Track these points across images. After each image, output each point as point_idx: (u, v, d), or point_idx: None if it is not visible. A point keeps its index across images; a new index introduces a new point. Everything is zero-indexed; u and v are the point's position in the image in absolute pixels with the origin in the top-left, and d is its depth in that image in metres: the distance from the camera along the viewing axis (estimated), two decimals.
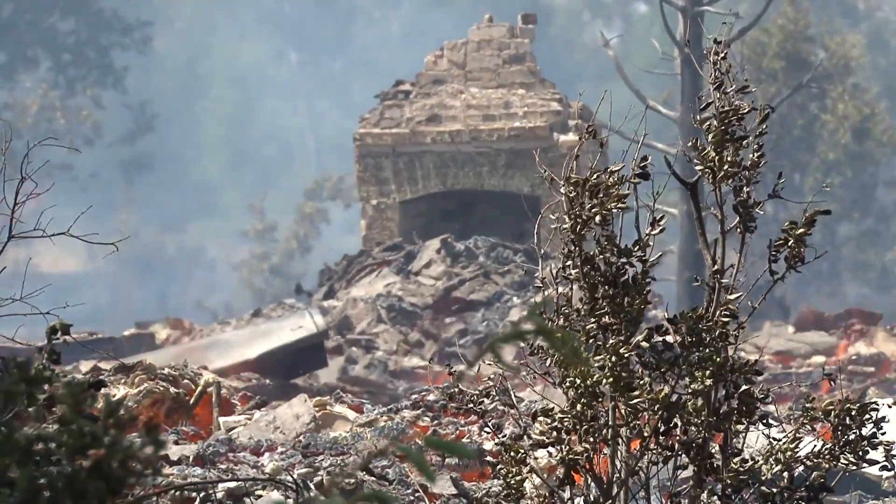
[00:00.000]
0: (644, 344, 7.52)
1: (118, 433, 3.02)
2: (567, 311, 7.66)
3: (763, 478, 7.77)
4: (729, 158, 7.66)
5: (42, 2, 55.74)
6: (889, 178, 49.85)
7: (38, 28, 56.29)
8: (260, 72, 73.24)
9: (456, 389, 7.27)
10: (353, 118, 42.61)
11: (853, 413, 7.85)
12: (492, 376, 8.55)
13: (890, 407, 14.67)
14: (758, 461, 7.79)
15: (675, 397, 7.55)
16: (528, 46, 38.65)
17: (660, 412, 7.49)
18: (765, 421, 7.90)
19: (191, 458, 16.41)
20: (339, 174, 52.11)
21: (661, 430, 7.50)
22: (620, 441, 7.64)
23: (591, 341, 7.49)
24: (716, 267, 7.73)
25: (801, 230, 7.54)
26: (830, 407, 7.96)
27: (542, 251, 7.94)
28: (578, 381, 7.58)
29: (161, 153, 61.60)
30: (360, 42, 71.57)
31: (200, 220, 61.30)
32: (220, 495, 12.29)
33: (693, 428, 7.48)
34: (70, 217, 10.88)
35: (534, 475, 7.91)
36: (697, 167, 7.74)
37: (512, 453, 7.92)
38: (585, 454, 7.73)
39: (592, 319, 7.54)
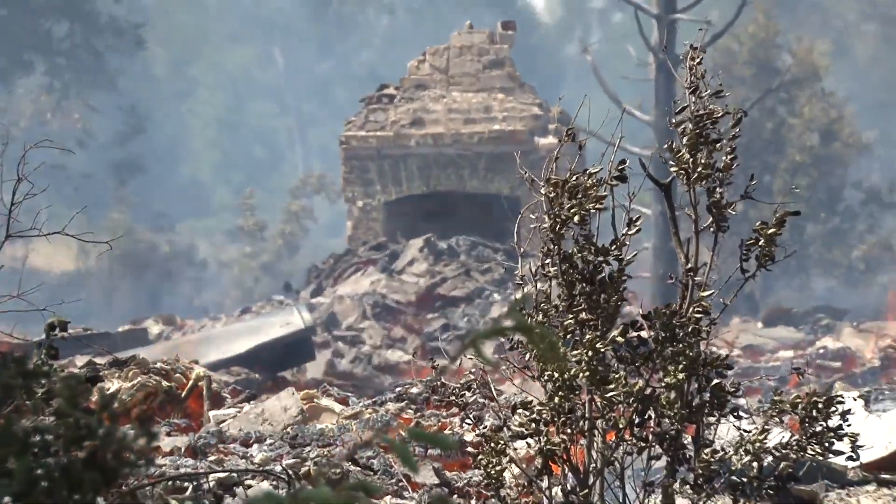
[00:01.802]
0: (619, 339, 7.54)
1: (112, 425, 3.03)
2: (545, 307, 7.68)
3: (733, 468, 7.79)
4: (703, 161, 7.67)
5: (37, 6, 55.71)
6: (854, 179, 50.03)
7: (34, 33, 56.30)
8: (247, 75, 73.26)
9: (438, 383, 7.29)
10: (338, 121, 42.67)
11: (820, 406, 7.87)
12: (473, 370, 8.58)
13: (855, 400, 14.71)
14: (728, 452, 7.81)
15: (649, 390, 7.57)
16: (508, 52, 38.72)
17: (634, 405, 7.51)
18: (735, 413, 7.92)
19: (182, 450, 16.40)
20: (322, 172, 52.25)
21: (635, 422, 7.52)
22: (596, 432, 7.66)
23: (568, 337, 7.50)
24: (689, 265, 7.74)
25: (772, 230, 7.56)
26: (798, 400, 7.98)
27: (522, 250, 7.97)
28: (556, 375, 7.60)
29: (152, 154, 61.63)
30: (346, 46, 71.64)
31: (191, 219, 61.35)
32: (211, 485, 12.29)
33: (666, 420, 7.50)
34: (65, 216, 10.91)
35: (513, 465, 7.93)
36: (672, 169, 7.75)
37: (492, 444, 7.94)
38: (563, 445, 7.75)
39: (570, 315, 7.55)
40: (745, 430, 8.16)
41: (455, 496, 12.40)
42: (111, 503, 3.10)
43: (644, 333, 7.57)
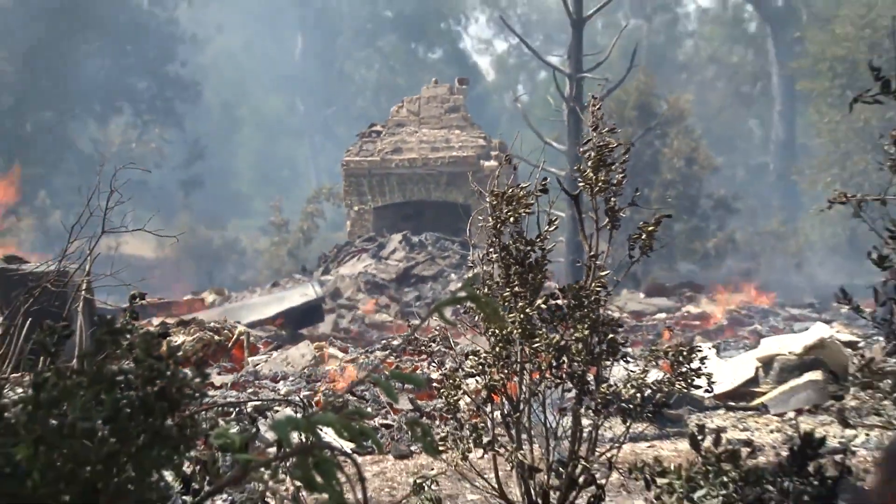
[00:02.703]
0: (542, 306, 7.54)
1: (177, 368, 3.00)
2: (489, 283, 7.67)
3: (623, 398, 7.78)
4: (602, 178, 7.68)
5: (127, 68, 55.58)
6: (707, 191, 50.27)
7: (124, 87, 56.17)
8: (276, 117, 73.17)
9: (412, 337, 7.24)
10: (341, 150, 42.62)
11: (684, 353, 7.86)
12: (437, 328, 8.58)
13: (709, 349, 14.65)
14: (619, 386, 7.79)
15: (563, 342, 7.55)
16: (462, 100, 38.74)
17: (553, 352, 7.49)
18: (624, 358, 7.91)
19: (228, 385, 16.41)
20: (330, 185, 52.38)
21: (553, 365, 7.50)
22: (525, 372, 7.64)
23: (505, 304, 7.50)
24: (592, 253, 7.74)
25: (651, 228, 7.57)
26: (669, 349, 7.98)
27: (473, 242, 7.97)
28: (497, 332, 7.59)
29: (208, 174, 61.56)
30: (346, 95, 71.60)
31: (236, 220, 61.27)
32: (248, 410, 12.24)
33: (575, 363, 7.48)
34: (145, 218, 10.96)
35: (466, 396, 7.90)
36: (579, 184, 7.75)
37: (451, 381, 7.91)
38: (501, 381, 7.73)
39: (507, 289, 7.55)
40: (631, 371, 8.15)
41: (424, 418, 12.39)
42: (176, 425, 3.05)
43: (560, 302, 7.57)
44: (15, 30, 49.92)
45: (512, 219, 7.69)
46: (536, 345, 7.55)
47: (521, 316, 7.57)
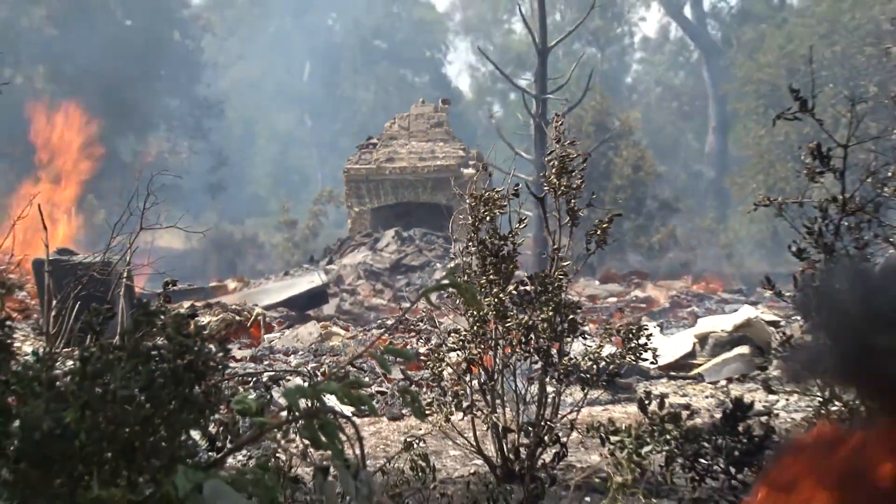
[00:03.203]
0: (513, 291, 7.52)
1: (203, 344, 2.98)
2: (469, 272, 7.65)
3: (581, 369, 7.77)
4: (564, 183, 7.66)
5: (160, 90, 55.50)
6: (652, 194, 50.30)
7: (159, 105, 56.13)
8: (287, 131, 73.03)
9: (403, 318, 7.21)
10: (342, 159, 42.55)
11: (633, 331, 7.85)
12: (424, 310, 8.57)
13: (654, 328, 14.63)
14: (578, 359, 7.78)
15: (531, 322, 7.53)
16: (445, 117, 38.67)
17: (522, 331, 7.48)
18: (582, 336, 7.90)
19: (247, 358, 16.37)
20: (333, 189, 52.34)
21: (523, 342, 7.49)
22: (499, 347, 7.62)
23: (482, 290, 7.48)
24: (555, 246, 7.72)
25: (605, 225, 7.55)
26: (620, 327, 7.97)
27: (454, 237, 7.96)
28: (475, 313, 7.56)
29: (231, 179, 61.41)
30: (347, 113, 71.53)
31: (254, 218, 61.13)
32: (264, 380, 12.19)
33: (541, 340, 7.46)
34: (177, 217, 10.98)
35: (448, 367, 7.88)
36: (545, 188, 7.72)
37: (435, 355, 7.89)
38: (478, 355, 7.71)
39: (483, 277, 7.53)
40: (588, 346, 8.14)
41: (413, 386, 12.36)
42: (202, 392, 3.03)
43: (528, 288, 7.55)
44: (66, 57, 49.78)
45: (488, 217, 7.68)
46: (508, 324, 7.55)
47: (496, 300, 7.56)
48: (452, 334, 8.12)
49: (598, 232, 7.76)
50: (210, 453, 3.23)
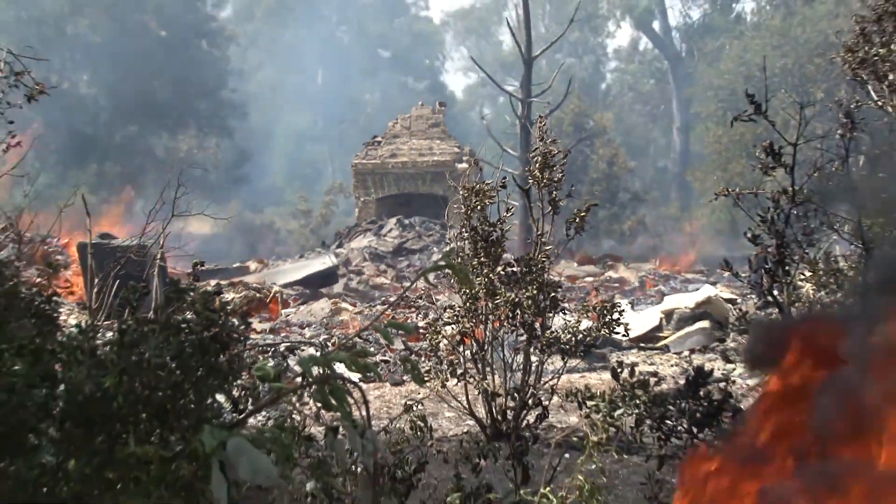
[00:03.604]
0: (501, 272, 7.53)
1: (227, 318, 2.99)
2: (462, 255, 7.66)
3: (561, 341, 7.77)
4: (546, 176, 7.65)
5: (190, 93, 55.43)
6: (624, 186, 50.35)
7: (189, 109, 56.06)
8: (303, 130, 73.02)
9: (404, 295, 7.21)
10: (351, 155, 42.51)
11: (608, 307, 7.86)
12: (423, 289, 8.61)
13: (626, 304, 14.65)
14: (559, 332, 7.79)
15: (517, 299, 7.53)
16: (442, 118, 38.62)
17: (509, 307, 7.48)
18: (562, 311, 7.90)
19: (266, 330, 16.38)
20: (342, 181, 52.25)
21: (510, 316, 7.50)
22: (489, 322, 7.63)
23: (474, 270, 7.48)
24: (538, 232, 7.72)
25: (582, 214, 7.56)
26: (596, 304, 7.97)
27: (449, 224, 8.04)
28: (467, 291, 7.57)
29: (252, 172, 61.40)
30: (355, 113, 71.51)
31: (272, 207, 61.07)
32: (281, 349, 12.19)
33: (526, 315, 7.47)
34: (204, 205, 11.03)
35: (444, 339, 7.88)
36: (529, 181, 7.72)
37: (433, 328, 7.91)
38: (471, 328, 7.72)
39: (475, 259, 7.54)
40: (567, 321, 8.15)
41: (413, 356, 12.36)
42: (226, 361, 3.03)
43: (514, 269, 7.56)
44: (107, 64, 49.77)
45: (479, 207, 7.71)
46: (497, 301, 7.57)
47: (486, 279, 7.58)
48: (448, 310, 8.15)
49: (577, 220, 7.78)
50: (233, 414, 3.23)
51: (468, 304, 7.69)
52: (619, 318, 8.07)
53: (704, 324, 14.93)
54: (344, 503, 3.58)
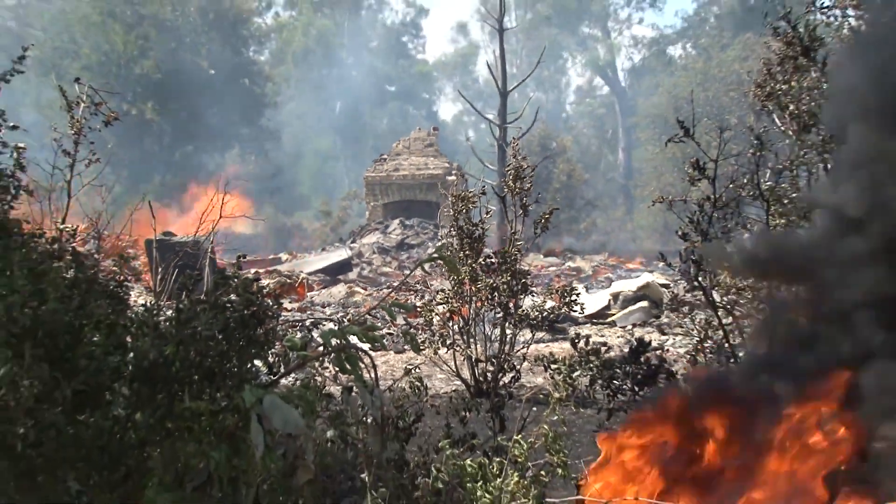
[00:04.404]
0: (482, 262, 7.50)
1: (263, 299, 2.98)
2: (451, 249, 7.62)
3: (530, 317, 7.76)
4: (518, 187, 7.63)
5: (235, 120, 55.41)
6: (580, 194, 50.37)
7: (234, 132, 56.03)
8: (324, 150, 72.83)
9: (405, 281, 7.17)
10: (363, 169, 42.47)
11: (567, 290, 7.84)
12: (420, 276, 8.62)
13: (582, 288, 14.60)
14: (528, 310, 7.77)
15: (494, 284, 7.50)
16: (435, 140, 38.55)
17: (488, 290, 7.46)
18: (531, 293, 7.88)
19: (295, 309, 16.31)
20: (356, 189, 52.07)
21: (489, 298, 7.48)
22: (472, 302, 7.61)
23: (460, 261, 7.46)
24: (512, 231, 7.70)
25: (547, 216, 7.55)
26: (558, 288, 7.96)
27: (441, 224, 8.02)
28: (455, 278, 7.54)
29: (284, 183, 61.31)
30: (367, 135, 71.41)
31: (300, 210, 60.86)
32: (307, 324, 12.16)
33: (502, 297, 7.46)
34: (246, 210, 10.98)
35: (437, 316, 7.86)
36: (505, 190, 7.70)
37: (428, 307, 7.88)
38: (458, 307, 7.70)
39: (461, 252, 7.51)
40: (535, 301, 8.13)
41: (412, 329, 12.33)
42: (262, 333, 3.02)
43: (493, 260, 7.54)
44: (169, 96, 49.84)
45: (464, 210, 7.67)
46: (479, 286, 7.55)
47: (470, 268, 7.55)
48: (440, 293, 8.13)
49: (542, 221, 7.78)
50: (268, 376, 3.22)
51: (456, 288, 7.67)
52: (576, 300, 8.08)
53: (644, 304, 14.97)
54: (357, 447, 3.60)
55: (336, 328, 2.92)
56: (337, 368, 2.89)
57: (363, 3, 76.39)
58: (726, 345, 6.62)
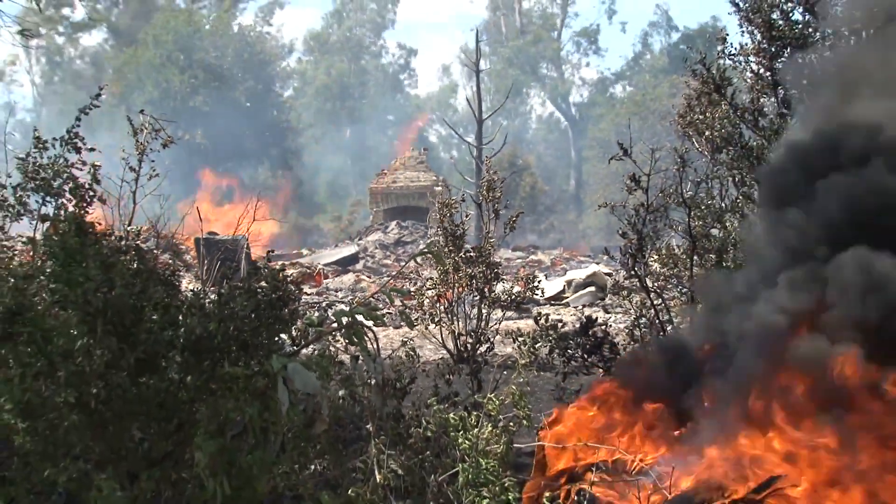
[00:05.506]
0: (463, 255, 7.49)
1: (287, 285, 2.97)
2: (438, 245, 7.60)
3: (501, 300, 7.76)
4: (492, 195, 7.62)
5: (265, 142, 55.28)
6: (541, 202, 50.46)
7: (264, 152, 55.78)
8: (339, 164, 72.46)
9: (402, 271, 7.16)
10: (367, 181, 42.37)
11: (531, 278, 7.87)
12: (414, 267, 8.59)
13: (543, 276, 14.57)
14: (500, 294, 7.77)
15: (473, 273, 7.48)
16: (426, 158, 38.47)
17: (468, 278, 7.45)
18: (502, 281, 7.89)
19: (313, 293, 16.26)
20: (362, 197, 51.81)
21: (469, 284, 7.46)
22: (455, 287, 7.59)
23: (446, 255, 7.44)
24: (486, 231, 7.69)
25: (514, 219, 7.56)
26: (523, 276, 7.97)
27: (430, 225, 8.02)
28: (441, 268, 7.52)
29: (304, 193, 60.99)
30: (371, 155, 71.13)
31: (318, 214, 60.53)
32: (323, 306, 12.12)
33: (479, 283, 7.44)
34: (274, 215, 10.95)
35: (427, 299, 7.85)
36: (481, 198, 7.70)
37: (420, 292, 7.86)
38: (444, 292, 7.69)
39: (446, 248, 7.49)
40: (505, 286, 8.13)
41: (406, 309, 12.23)
42: (287, 313, 3.02)
43: (472, 254, 7.52)
44: (214, 124, 50.10)
45: (448, 214, 7.64)
46: (460, 275, 7.51)
47: (453, 261, 7.52)
48: (429, 280, 8.10)
49: (511, 222, 7.78)
50: (292, 347, 3.22)
51: (442, 276, 7.63)
52: (537, 286, 8.12)
53: (592, 288, 15.03)
54: (363, 404, 3.61)
55: (346, 309, 2.93)
56: (346, 341, 2.89)
57: (368, 49, 76.63)
58: (657, 321, 6.70)
